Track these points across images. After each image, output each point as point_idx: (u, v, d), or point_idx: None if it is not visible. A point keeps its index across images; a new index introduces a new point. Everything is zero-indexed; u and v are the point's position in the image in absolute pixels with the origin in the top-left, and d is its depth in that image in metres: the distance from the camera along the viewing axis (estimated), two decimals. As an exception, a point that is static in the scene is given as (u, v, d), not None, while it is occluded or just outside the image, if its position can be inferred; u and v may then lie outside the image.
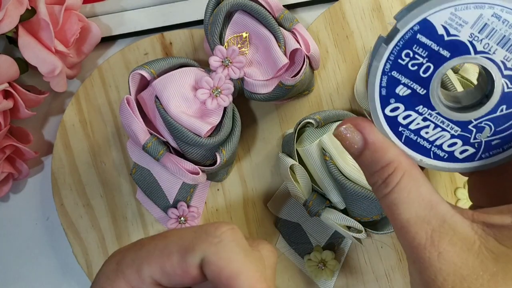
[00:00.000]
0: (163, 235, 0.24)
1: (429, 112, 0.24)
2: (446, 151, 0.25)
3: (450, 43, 0.23)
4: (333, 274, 0.40)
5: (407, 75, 0.24)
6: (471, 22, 0.23)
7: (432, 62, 0.23)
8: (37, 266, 0.44)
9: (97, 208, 0.42)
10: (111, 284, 0.23)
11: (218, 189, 0.42)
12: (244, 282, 0.22)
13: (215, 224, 0.24)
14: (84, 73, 0.43)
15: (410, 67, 0.24)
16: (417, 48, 0.23)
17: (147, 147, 0.36)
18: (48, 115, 0.44)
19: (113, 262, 0.24)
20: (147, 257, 0.23)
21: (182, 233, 0.24)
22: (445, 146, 0.25)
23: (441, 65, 0.23)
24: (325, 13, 0.42)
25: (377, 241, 0.41)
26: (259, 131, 0.42)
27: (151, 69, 0.36)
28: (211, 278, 0.23)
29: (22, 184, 0.44)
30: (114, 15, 0.43)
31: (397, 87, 0.24)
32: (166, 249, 0.23)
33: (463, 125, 0.24)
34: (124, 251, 0.24)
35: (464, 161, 0.25)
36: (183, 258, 0.23)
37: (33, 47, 0.37)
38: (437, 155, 0.25)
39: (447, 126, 0.25)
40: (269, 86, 0.37)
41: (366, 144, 0.24)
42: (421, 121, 0.25)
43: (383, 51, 0.23)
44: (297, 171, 0.37)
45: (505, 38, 0.23)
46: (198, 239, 0.23)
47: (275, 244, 0.42)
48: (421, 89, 0.24)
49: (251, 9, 0.36)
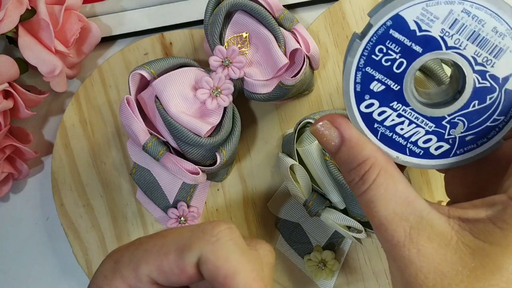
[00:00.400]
0: (160, 234, 0.24)
1: (403, 108, 0.24)
2: (421, 148, 0.25)
3: (422, 38, 0.23)
4: (333, 274, 0.40)
5: (381, 70, 0.24)
6: (442, 17, 0.23)
7: (405, 58, 0.23)
8: (37, 266, 0.44)
9: (97, 208, 0.42)
10: (108, 283, 0.23)
11: (218, 189, 0.42)
12: (241, 281, 0.22)
13: (213, 223, 0.24)
14: (84, 73, 0.43)
15: (383, 62, 0.24)
16: (390, 43, 0.23)
17: (147, 147, 0.36)
18: (48, 115, 0.44)
19: (111, 261, 0.24)
20: (145, 256, 0.23)
21: (180, 232, 0.24)
22: (420, 143, 0.25)
23: (414, 60, 0.23)
24: (325, 13, 0.42)
25: (377, 241, 0.41)
26: (259, 131, 0.42)
27: (151, 69, 0.36)
28: (208, 276, 0.23)
29: (22, 184, 0.44)
30: (114, 15, 0.43)
31: (372, 83, 0.24)
32: (163, 248, 0.23)
33: (437, 121, 0.24)
34: (122, 250, 0.24)
35: (440, 158, 0.25)
36: (180, 257, 0.23)
37: (33, 47, 0.37)
38: (413, 152, 0.25)
39: (421, 122, 0.25)
40: (269, 86, 0.37)
41: (342, 140, 0.24)
42: (396, 117, 0.24)
43: (357, 47, 0.23)
44: (297, 171, 0.37)
45: (475, 33, 0.23)
46: (195, 238, 0.23)
47: (275, 244, 0.42)
48: (395, 84, 0.24)
49: (251, 9, 0.36)
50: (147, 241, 0.24)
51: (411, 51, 0.23)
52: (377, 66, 0.24)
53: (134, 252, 0.24)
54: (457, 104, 0.24)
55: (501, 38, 0.23)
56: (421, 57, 0.23)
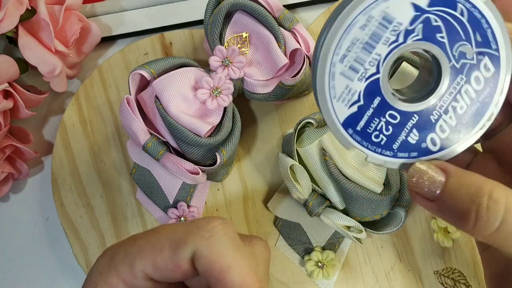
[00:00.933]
0: (155, 230, 0.24)
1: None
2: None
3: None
4: (333, 274, 0.40)
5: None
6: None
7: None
8: (37, 266, 0.44)
9: (97, 208, 0.42)
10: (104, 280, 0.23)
11: (218, 189, 0.42)
12: (235, 276, 0.22)
13: (207, 219, 0.24)
14: (84, 73, 0.43)
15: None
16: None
17: (147, 147, 0.36)
18: (48, 115, 0.44)
19: (106, 257, 0.24)
20: (139, 252, 0.23)
21: (174, 228, 0.24)
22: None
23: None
24: (325, 13, 0.42)
25: (377, 241, 0.41)
26: (259, 131, 0.42)
27: (151, 69, 0.36)
28: (202, 272, 0.23)
29: (22, 184, 0.44)
30: (114, 15, 0.43)
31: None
32: (157, 244, 0.23)
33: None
34: (117, 246, 0.24)
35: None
36: (175, 252, 0.23)
37: (33, 47, 0.37)
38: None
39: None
40: (269, 86, 0.37)
41: (447, 175, 0.22)
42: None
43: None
44: (297, 171, 0.37)
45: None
46: (190, 234, 0.23)
47: (275, 244, 0.42)
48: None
49: (251, 9, 0.36)
50: (141, 237, 0.24)
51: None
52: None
53: (129, 249, 0.24)
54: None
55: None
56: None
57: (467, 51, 0.23)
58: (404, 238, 0.41)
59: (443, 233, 0.41)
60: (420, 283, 0.41)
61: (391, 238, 0.41)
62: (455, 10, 0.23)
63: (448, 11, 0.23)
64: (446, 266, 0.41)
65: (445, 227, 0.41)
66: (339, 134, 0.24)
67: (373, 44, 0.23)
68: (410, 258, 0.41)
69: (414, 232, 0.41)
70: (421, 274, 0.41)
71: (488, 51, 0.23)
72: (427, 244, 0.41)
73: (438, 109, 0.24)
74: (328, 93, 0.23)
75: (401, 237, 0.41)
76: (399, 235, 0.41)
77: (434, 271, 0.41)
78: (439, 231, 0.41)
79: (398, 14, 0.23)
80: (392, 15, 0.23)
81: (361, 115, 0.24)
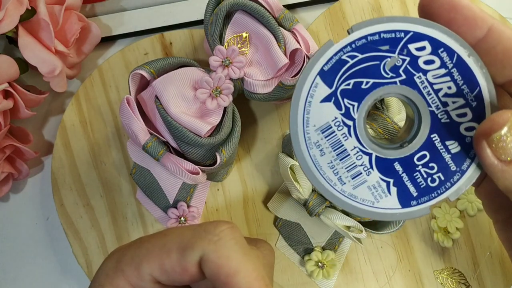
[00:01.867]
0: (162, 233, 0.24)
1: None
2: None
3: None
4: (333, 274, 0.40)
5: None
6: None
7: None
8: (37, 266, 0.44)
9: (97, 208, 0.42)
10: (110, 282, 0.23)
11: (218, 189, 0.42)
12: (242, 280, 0.22)
13: (214, 223, 0.24)
14: (84, 73, 0.43)
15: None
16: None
17: (147, 147, 0.36)
18: (48, 115, 0.44)
19: (113, 260, 0.24)
20: (147, 255, 0.23)
21: (181, 231, 0.24)
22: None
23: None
24: (325, 13, 0.42)
25: (377, 241, 0.41)
26: (259, 131, 0.42)
27: (151, 69, 0.36)
28: (209, 275, 0.23)
29: (22, 184, 0.44)
30: (114, 15, 0.43)
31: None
32: (165, 247, 0.23)
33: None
34: (124, 249, 0.24)
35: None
36: (182, 256, 0.23)
37: (33, 47, 0.37)
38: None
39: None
40: (269, 86, 0.37)
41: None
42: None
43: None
44: (297, 171, 0.37)
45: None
46: (197, 237, 0.23)
47: (275, 244, 0.42)
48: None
49: (251, 9, 0.36)
50: (149, 240, 0.24)
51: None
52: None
53: (136, 251, 0.24)
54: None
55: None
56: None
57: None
58: (404, 238, 0.41)
59: (443, 233, 0.41)
60: (420, 283, 0.41)
61: (391, 238, 0.41)
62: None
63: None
64: (446, 266, 0.41)
65: (445, 227, 0.41)
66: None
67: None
68: (410, 258, 0.41)
69: (414, 232, 0.41)
70: (421, 274, 0.41)
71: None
72: (427, 244, 0.41)
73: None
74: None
75: (401, 237, 0.41)
76: (399, 235, 0.41)
77: (434, 271, 0.41)
78: (439, 231, 0.41)
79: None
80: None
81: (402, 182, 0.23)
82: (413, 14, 0.42)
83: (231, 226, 0.24)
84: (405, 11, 0.42)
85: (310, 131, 0.23)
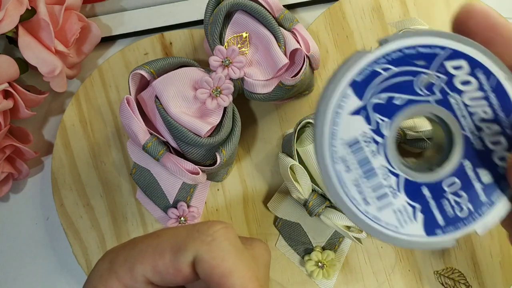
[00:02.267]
0: (156, 234, 0.24)
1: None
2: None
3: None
4: (333, 274, 0.40)
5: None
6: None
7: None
8: (37, 266, 0.44)
9: (97, 208, 0.42)
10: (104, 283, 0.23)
11: (218, 189, 0.42)
12: (236, 281, 0.22)
13: (208, 223, 0.24)
14: (84, 73, 0.43)
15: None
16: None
17: (147, 147, 0.36)
18: (48, 115, 0.44)
19: (106, 261, 0.24)
20: (140, 256, 0.23)
21: (175, 231, 0.24)
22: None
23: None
24: (325, 13, 0.42)
25: (377, 241, 0.41)
26: (259, 131, 0.42)
27: (151, 69, 0.36)
28: (203, 276, 0.23)
29: (22, 184, 0.44)
30: (114, 15, 0.43)
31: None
32: (158, 248, 0.23)
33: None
34: (117, 250, 0.24)
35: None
36: (176, 257, 0.23)
37: (33, 47, 0.37)
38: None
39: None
40: (269, 86, 0.37)
41: None
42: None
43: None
44: (297, 171, 0.37)
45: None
46: (191, 238, 0.23)
47: (275, 244, 0.42)
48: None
49: (251, 9, 0.36)
50: (142, 241, 0.24)
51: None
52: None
53: (130, 252, 0.24)
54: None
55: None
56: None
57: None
58: (404, 238, 0.41)
59: (443, 233, 0.41)
60: (420, 283, 0.41)
61: (391, 238, 0.41)
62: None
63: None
64: (446, 266, 0.41)
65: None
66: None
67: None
68: (410, 258, 0.41)
69: (414, 232, 0.41)
70: (421, 274, 0.41)
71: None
72: (427, 244, 0.41)
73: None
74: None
75: (401, 237, 0.41)
76: (399, 235, 0.41)
77: (434, 271, 0.41)
78: (439, 231, 0.41)
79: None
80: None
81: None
82: (413, 14, 0.42)
83: (225, 226, 0.24)
84: (405, 11, 0.42)
85: (336, 144, 0.21)
